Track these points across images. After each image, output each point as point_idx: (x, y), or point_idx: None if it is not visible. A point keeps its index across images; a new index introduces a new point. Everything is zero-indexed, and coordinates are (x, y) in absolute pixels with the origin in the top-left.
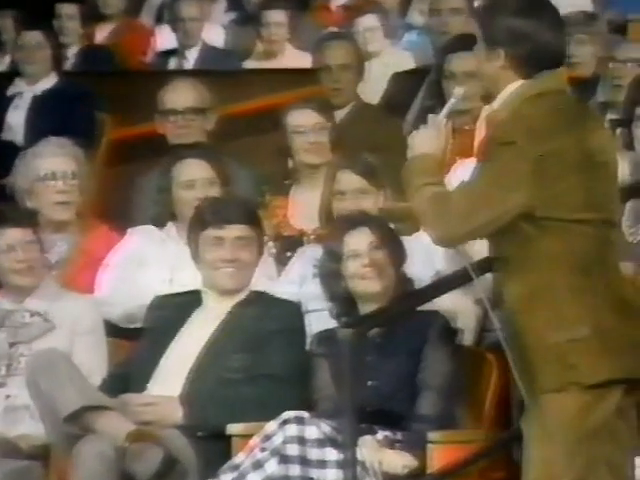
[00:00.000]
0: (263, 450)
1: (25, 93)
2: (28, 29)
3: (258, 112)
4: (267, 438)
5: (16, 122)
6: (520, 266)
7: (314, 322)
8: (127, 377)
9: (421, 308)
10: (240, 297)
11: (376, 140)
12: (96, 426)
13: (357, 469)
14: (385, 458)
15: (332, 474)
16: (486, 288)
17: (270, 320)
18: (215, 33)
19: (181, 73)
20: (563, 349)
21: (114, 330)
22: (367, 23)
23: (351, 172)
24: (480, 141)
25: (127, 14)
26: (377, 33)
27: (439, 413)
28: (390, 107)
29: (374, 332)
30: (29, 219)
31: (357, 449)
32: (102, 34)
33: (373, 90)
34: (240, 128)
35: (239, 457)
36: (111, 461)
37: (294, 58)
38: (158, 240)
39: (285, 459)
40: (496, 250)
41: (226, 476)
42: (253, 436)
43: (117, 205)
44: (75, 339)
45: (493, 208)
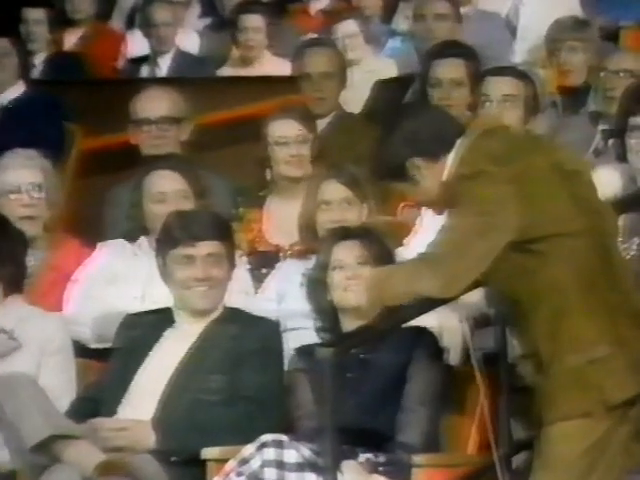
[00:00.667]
0: (240, 475)
1: None
2: None
3: (234, 122)
4: (244, 462)
5: None
6: (530, 303)
7: (292, 341)
8: (97, 400)
9: (407, 325)
10: (214, 315)
11: (359, 151)
12: (64, 456)
13: None
14: None
15: None
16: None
17: (247, 339)
18: (189, 39)
19: (154, 81)
20: (585, 371)
21: (83, 350)
22: (347, 29)
23: (336, 182)
24: (442, 192)
25: (97, 19)
26: (357, 39)
27: (424, 435)
28: (373, 117)
29: (358, 347)
30: None
31: (339, 474)
32: (71, 40)
33: (355, 99)
34: (216, 138)
35: None
36: None
37: (272, 65)
38: (129, 255)
39: None
40: (501, 297)
41: None
42: (229, 460)
43: (88, 219)
44: (42, 359)
45: (485, 237)
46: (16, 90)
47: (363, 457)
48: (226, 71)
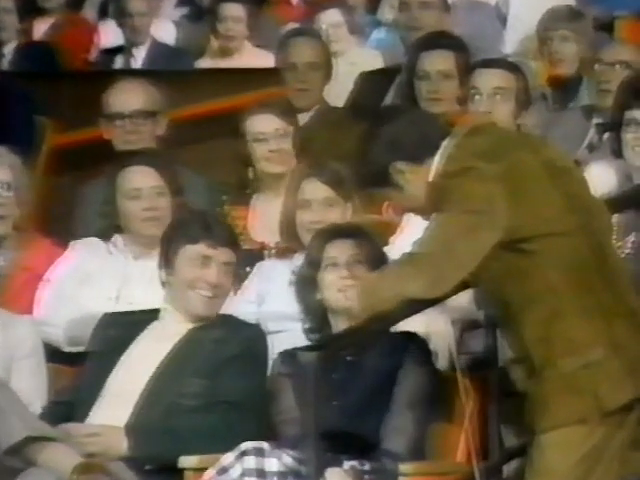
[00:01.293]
0: None
1: None
2: None
3: (213, 116)
4: (223, 471)
5: None
6: (521, 305)
7: (274, 344)
8: (71, 404)
9: (395, 329)
10: (202, 322)
11: (342, 147)
12: (40, 459)
13: None
14: None
15: None
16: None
17: (231, 344)
18: (165, 29)
19: (128, 73)
20: (579, 376)
21: (55, 355)
22: (330, 19)
23: (317, 180)
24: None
25: (68, 8)
26: (341, 30)
27: (411, 442)
28: (357, 110)
29: (344, 349)
30: None
31: None
32: (41, 29)
33: (338, 92)
34: (194, 133)
35: None
36: None
37: (253, 57)
38: (103, 253)
39: None
40: (491, 299)
41: None
42: (207, 469)
43: (59, 217)
44: (13, 364)
45: (473, 236)
46: None
47: (348, 465)
48: (204, 63)
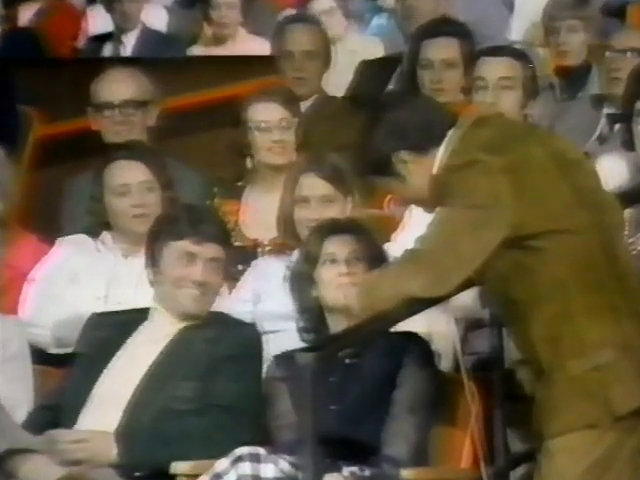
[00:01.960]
0: None
1: None
2: None
3: (206, 106)
4: (217, 477)
5: None
6: (529, 305)
7: (270, 344)
8: (57, 409)
9: (395, 329)
10: (193, 321)
11: (342, 138)
12: (20, 472)
13: None
14: None
15: None
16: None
17: (224, 344)
18: (156, 15)
19: (118, 61)
20: (589, 379)
21: (41, 356)
22: (322, 6)
23: (315, 176)
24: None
25: None
26: (335, 15)
27: (412, 447)
28: (357, 100)
29: (343, 351)
30: None
31: None
32: (26, 16)
33: (337, 81)
34: (185, 124)
35: None
36: None
37: (247, 44)
38: (91, 251)
39: None
40: (497, 298)
41: None
42: (200, 476)
43: (45, 213)
44: None
45: (477, 232)
46: None
47: (347, 471)
48: (197, 50)
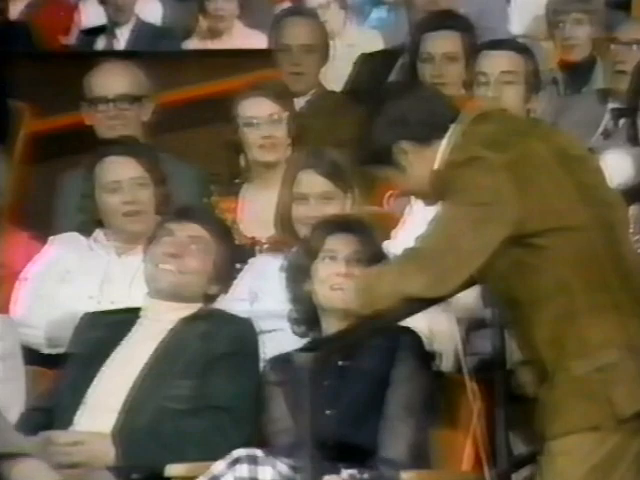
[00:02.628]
0: None
1: None
2: None
3: (202, 100)
4: (214, 479)
5: None
6: (531, 304)
7: (267, 344)
8: (51, 411)
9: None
10: (187, 312)
11: (341, 134)
12: (12, 475)
13: None
14: None
15: None
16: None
17: (219, 341)
18: (151, 8)
19: (111, 54)
20: (592, 380)
21: (33, 356)
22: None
23: (314, 172)
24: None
25: None
26: (334, 8)
27: (411, 449)
28: (356, 95)
29: (336, 354)
30: None
31: None
32: (17, 8)
33: (336, 75)
34: (181, 119)
35: None
36: None
37: (244, 38)
38: (84, 249)
39: None
40: (499, 297)
41: None
42: (197, 478)
43: (38, 210)
44: None
45: (479, 230)
46: None
47: (346, 473)
48: (192, 44)
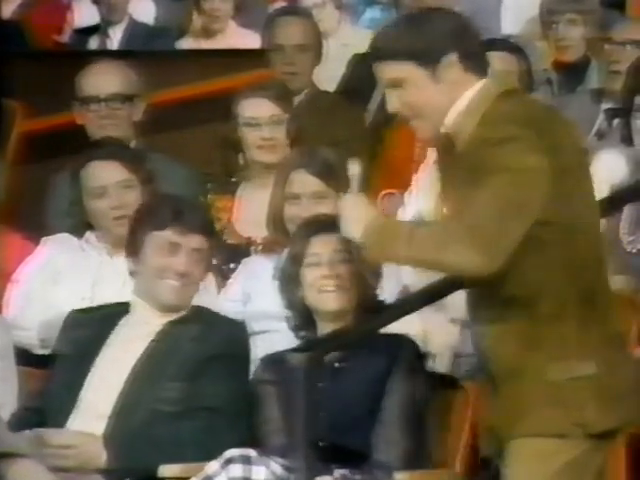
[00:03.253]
0: None
1: None
2: None
3: (195, 100)
4: (208, 479)
5: None
6: (526, 299)
7: (260, 345)
8: (41, 412)
9: (386, 330)
10: (175, 315)
11: (334, 133)
12: (9, 476)
13: None
14: None
15: None
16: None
17: (210, 341)
18: (144, 7)
19: (104, 54)
20: (567, 388)
21: (23, 356)
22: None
23: (306, 172)
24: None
25: None
26: (327, 8)
27: (405, 451)
28: (350, 94)
29: (331, 356)
30: None
31: None
32: (10, 8)
33: (330, 74)
34: (173, 119)
35: None
36: None
37: (238, 37)
38: (76, 250)
39: None
40: (489, 290)
41: None
42: (190, 479)
43: (30, 210)
44: None
45: (520, 213)
46: None
47: (338, 473)
48: (186, 43)
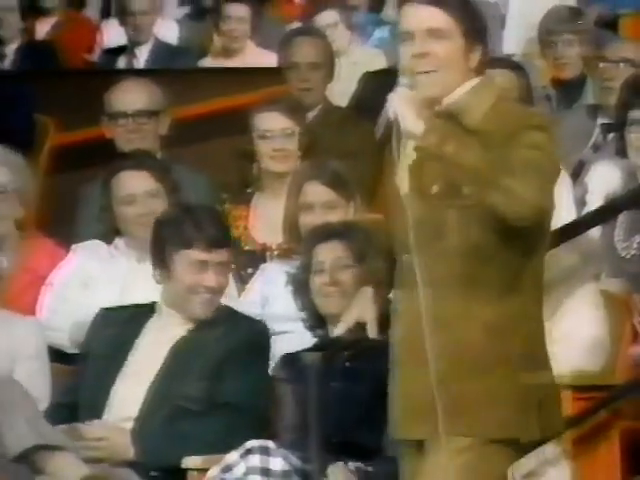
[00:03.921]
0: None
1: None
2: None
3: (215, 115)
4: (228, 469)
5: None
6: (503, 286)
7: (278, 345)
8: (73, 407)
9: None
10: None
11: (345, 146)
12: (48, 468)
13: None
14: None
15: None
16: None
17: (233, 338)
18: (168, 28)
19: (131, 72)
20: (531, 394)
21: (52, 353)
22: (326, 19)
23: (318, 183)
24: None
25: (69, 7)
26: (338, 29)
27: None
28: (360, 110)
29: (342, 355)
30: None
31: None
32: (43, 29)
33: (341, 91)
34: (196, 132)
35: None
36: None
37: (255, 57)
38: (105, 257)
39: None
40: (477, 270)
41: None
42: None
43: (62, 218)
44: (16, 365)
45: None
46: None
47: (352, 465)
48: (207, 62)
